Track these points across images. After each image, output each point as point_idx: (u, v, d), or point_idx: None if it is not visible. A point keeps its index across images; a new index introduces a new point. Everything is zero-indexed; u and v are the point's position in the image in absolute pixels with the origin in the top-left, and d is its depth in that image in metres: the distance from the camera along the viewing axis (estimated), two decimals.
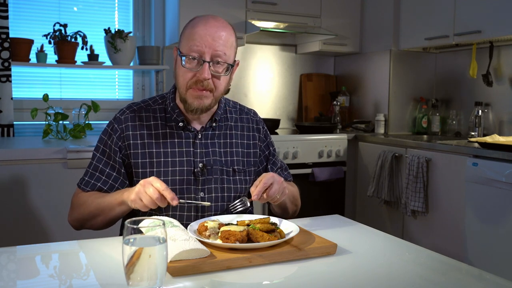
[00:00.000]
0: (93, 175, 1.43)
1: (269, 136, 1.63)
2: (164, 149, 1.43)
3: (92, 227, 1.43)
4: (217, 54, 1.35)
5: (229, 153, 1.50)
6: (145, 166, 1.41)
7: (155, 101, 1.50)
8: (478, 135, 3.14)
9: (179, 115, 1.45)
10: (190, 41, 1.35)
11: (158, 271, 0.87)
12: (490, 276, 1.08)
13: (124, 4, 3.41)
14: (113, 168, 1.42)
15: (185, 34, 1.39)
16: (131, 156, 1.42)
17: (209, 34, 1.34)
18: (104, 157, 1.43)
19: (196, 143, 1.45)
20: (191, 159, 1.44)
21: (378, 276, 1.07)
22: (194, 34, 1.35)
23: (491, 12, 2.85)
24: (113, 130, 1.44)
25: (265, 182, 1.27)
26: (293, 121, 3.96)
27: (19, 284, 1.00)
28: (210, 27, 1.35)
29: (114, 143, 1.42)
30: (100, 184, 1.42)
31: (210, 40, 1.34)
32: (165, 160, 1.42)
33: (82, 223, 1.43)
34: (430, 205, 2.89)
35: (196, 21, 1.38)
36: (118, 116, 1.46)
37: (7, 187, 2.36)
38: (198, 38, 1.34)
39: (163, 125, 1.45)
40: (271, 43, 3.84)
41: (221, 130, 1.51)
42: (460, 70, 3.45)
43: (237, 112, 1.57)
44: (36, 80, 3.19)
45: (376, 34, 3.64)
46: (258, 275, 1.05)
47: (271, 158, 1.61)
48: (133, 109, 1.47)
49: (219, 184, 1.46)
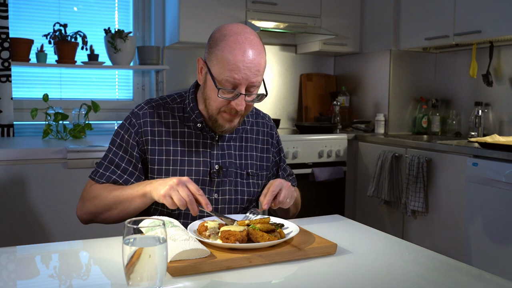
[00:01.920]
0: (108, 168, 1.40)
1: (280, 142, 1.65)
2: (181, 148, 1.42)
3: (105, 221, 1.39)
4: (252, 84, 1.32)
5: (244, 156, 1.50)
6: (161, 163, 1.41)
7: (173, 99, 1.48)
8: (478, 135, 3.14)
9: (199, 116, 1.43)
10: (226, 71, 1.29)
11: (158, 271, 0.87)
12: (490, 276, 1.08)
13: (124, 4, 3.41)
14: (130, 162, 1.40)
15: (219, 57, 1.30)
16: (148, 152, 1.41)
17: (247, 67, 1.29)
18: (121, 151, 1.41)
19: (214, 144, 1.45)
20: (207, 160, 1.43)
21: (378, 276, 1.07)
22: (231, 65, 1.28)
23: (491, 12, 2.85)
24: (131, 124, 1.42)
25: (273, 190, 1.29)
26: (293, 121, 3.96)
27: (19, 284, 1.00)
28: (249, 58, 1.29)
29: (132, 137, 1.41)
30: (116, 177, 1.39)
31: (248, 73, 1.29)
32: (181, 159, 1.42)
33: (94, 216, 1.39)
34: (430, 205, 2.89)
35: (232, 45, 1.29)
36: (136, 111, 1.44)
37: (7, 187, 2.36)
38: (236, 70, 1.28)
39: (181, 124, 1.44)
40: (271, 43, 3.84)
41: (238, 133, 1.51)
42: (460, 70, 3.45)
43: (253, 116, 1.58)
44: (36, 80, 3.19)
45: (376, 34, 3.64)
46: (258, 275, 1.05)
47: (282, 164, 1.63)
48: (152, 105, 1.45)
49: (233, 186, 1.46)
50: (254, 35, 1.34)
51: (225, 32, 1.33)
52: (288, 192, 1.32)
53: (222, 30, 1.34)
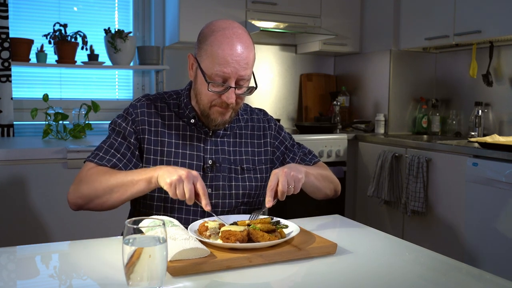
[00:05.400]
0: (108, 151, 1.40)
1: (283, 131, 1.63)
2: (175, 140, 1.45)
3: (100, 205, 1.35)
4: (241, 78, 1.35)
5: (238, 152, 1.51)
6: (156, 153, 1.43)
7: (170, 95, 1.53)
8: (478, 135, 3.14)
9: (191, 111, 1.46)
10: (216, 65, 1.32)
11: (158, 271, 0.87)
12: (490, 276, 1.08)
13: (124, 4, 3.41)
14: (128, 148, 1.42)
15: (208, 52, 1.34)
16: (144, 141, 1.43)
17: (236, 61, 1.32)
18: (119, 137, 1.43)
19: (207, 139, 1.47)
20: (201, 155, 1.46)
21: (378, 276, 1.07)
22: (220, 59, 1.32)
23: (491, 12, 2.85)
24: (129, 113, 1.46)
25: (270, 185, 1.26)
26: (293, 121, 3.96)
27: (19, 284, 1.00)
28: (237, 51, 1.32)
29: (129, 125, 1.44)
30: (116, 160, 1.39)
31: (237, 66, 1.33)
32: (176, 151, 1.44)
33: (90, 200, 1.34)
34: (430, 205, 2.89)
35: (221, 40, 1.33)
36: (134, 103, 1.49)
37: (7, 187, 2.36)
38: (225, 64, 1.32)
39: (177, 118, 1.48)
40: (271, 43, 3.84)
41: (232, 130, 1.53)
42: (460, 70, 3.45)
43: (247, 113, 1.60)
44: (36, 80, 3.19)
45: (376, 34, 3.64)
46: (258, 275, 1.05)
47: (289, 152, 1.60)
48: (149, 97, 1.50)
49: (227, 182, 1.47)
50: (242, 29, 1.38)
51: (213, 28, 1.37)
52: (288, 178, 1.26)
53: (211, 25, 1.38)
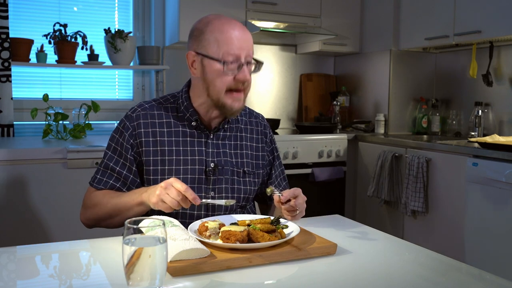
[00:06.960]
0: (105, 173, 1.43)
1: (274, 142, 1.65)
2: (176, 147, 1.44)
3: (108, 226, 1.43)
4: (249, 54, 1.39)
5: (239, 155, 1.51)
6: (156, 163, 1.42)
7: (166, 100, 1.50)
8: (478, 135, 3.14)
9: (193, 114, 1.45)
10: (224, 47, 1.35)
11: (158, 271, 0.87)
12: (490, 276, 1.08)
13: (124, 4, 3.41)
14: (124, 166, 1.42)
15: (212, 39, 1.37)
16: (143, 154, 1.42)
17: (242, 38, 1.37)
18: (115, 155, 1.43)
19: (208, 142, 1.46)
20: (203, 158, 1.45)
21: (378, 276, 1.07)
22: (227, 40, 1.36)
23: (491, 12, 2.85)
24: (125, 128, 1.43)
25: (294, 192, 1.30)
26: (293, 121, 3.96)
27: (19, 284, 1.00)
28: (240, 31, 1.38)
29: (126, 140, 1.42)
30: (112, 181, 1.42)
31: (244, 43, 1.37)
32: (177, 158, 1.43)
33: (97, 222, 1.43)
34: (430, 205, 2.89)
35: (220, 26, 1.37)
36: (129, 114, 1.46)
37: (7, 187, 2.36)
38: (236, 43, 1.36)
39: (176, 124, 1.46)
40: (271, 43, 3.84)
41: (232, 132, 1.52)
42: (460, 70, 3.45)
43: (246, 115, 1.59)
44: (36, 80, 3.19)
45: (376, 34, 3.64)
46: (258, 275, 1.05)
47: (275, 163, 1.63)
48: (145, 107, 1.47)
49: (229, 184, 1.47)
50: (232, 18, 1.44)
51: (206, 20, 1.41)
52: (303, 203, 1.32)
53: (203, 19, 1.43)
